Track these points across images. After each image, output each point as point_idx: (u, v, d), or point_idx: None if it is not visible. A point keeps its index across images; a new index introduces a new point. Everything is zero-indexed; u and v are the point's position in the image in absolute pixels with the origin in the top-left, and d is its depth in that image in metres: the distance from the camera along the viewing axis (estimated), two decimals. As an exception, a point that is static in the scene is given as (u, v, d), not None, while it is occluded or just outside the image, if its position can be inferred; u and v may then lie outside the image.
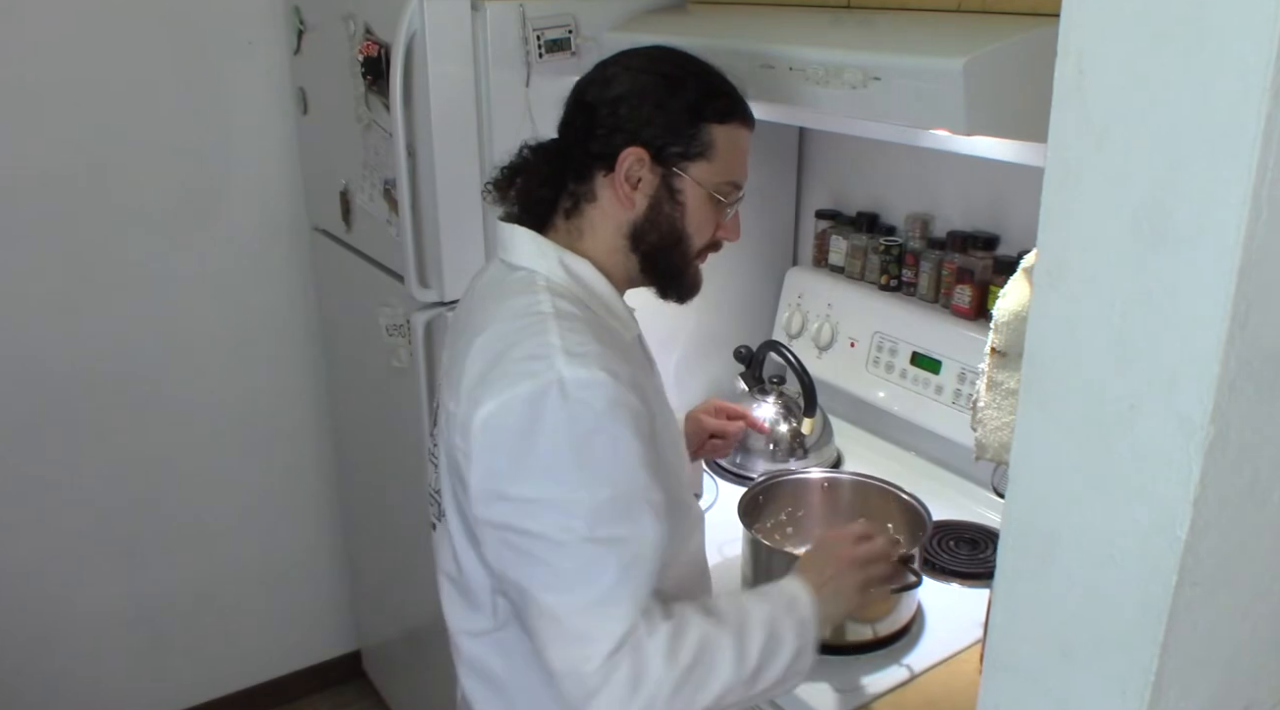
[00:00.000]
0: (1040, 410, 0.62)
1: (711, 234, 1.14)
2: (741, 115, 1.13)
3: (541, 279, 1.08)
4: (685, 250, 1.13)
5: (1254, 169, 0.48)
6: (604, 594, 0.96)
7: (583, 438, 0.97)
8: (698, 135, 1.09)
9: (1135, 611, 0.58)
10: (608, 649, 0.95)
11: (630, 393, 0.99)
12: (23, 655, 2.20)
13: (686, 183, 1.10)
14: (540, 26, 1.59)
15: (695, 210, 1.11)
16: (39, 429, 2.10)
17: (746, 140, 1.15)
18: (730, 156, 1.11)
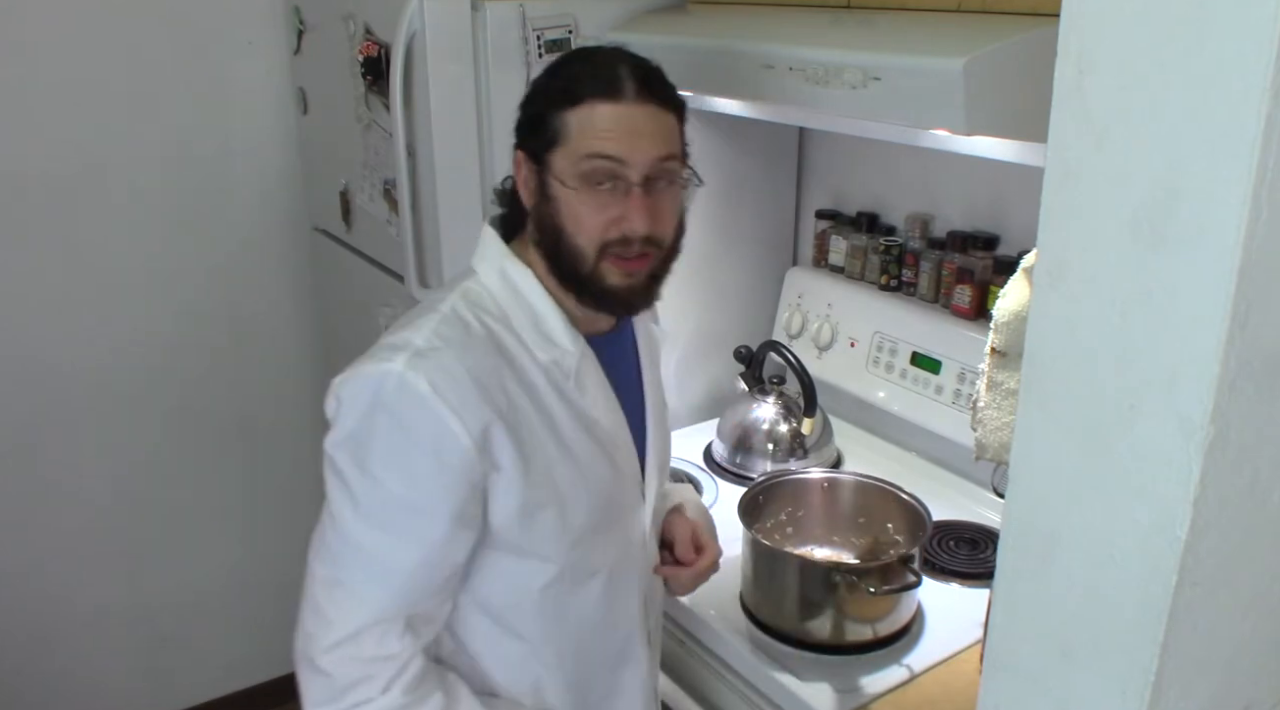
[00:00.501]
0: (1040, 410, 0.62)
1: (599, 227, 1.03)
2: (594, 92, 1.02)
3: (472, 280, 1.08)
4: (572, 249, 1.04)
5: (1254, 169, 0.48)
6: (349, 585, 0.99)
7: (383, 436, 0.97)
8: (549, 124, 1.03)
9: (1135, 611, 0.58)
10: (334, 638, 0.98)
11: (448, 413, 0.96)
12: (23, 655, 2.20)
13: (552, 175, 1.04)
14: (540, 26, 1.59)
15: (564, 201, 1.03)
16: (38, 428, 2.10)
17: (612, 114, 1.02)
18: (582, 135, 1.02)
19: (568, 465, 1.06)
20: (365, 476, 0.98)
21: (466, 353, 1.00)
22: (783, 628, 1.34)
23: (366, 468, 0.98)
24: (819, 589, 1.31)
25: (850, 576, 1.28)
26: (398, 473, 0.98)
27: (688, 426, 1.98)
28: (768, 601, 1.37)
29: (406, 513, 0.99)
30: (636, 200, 1.02)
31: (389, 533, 0.99)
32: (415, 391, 0.96)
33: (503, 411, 1.00)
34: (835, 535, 1.51)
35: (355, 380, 0.99)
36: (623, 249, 1.03)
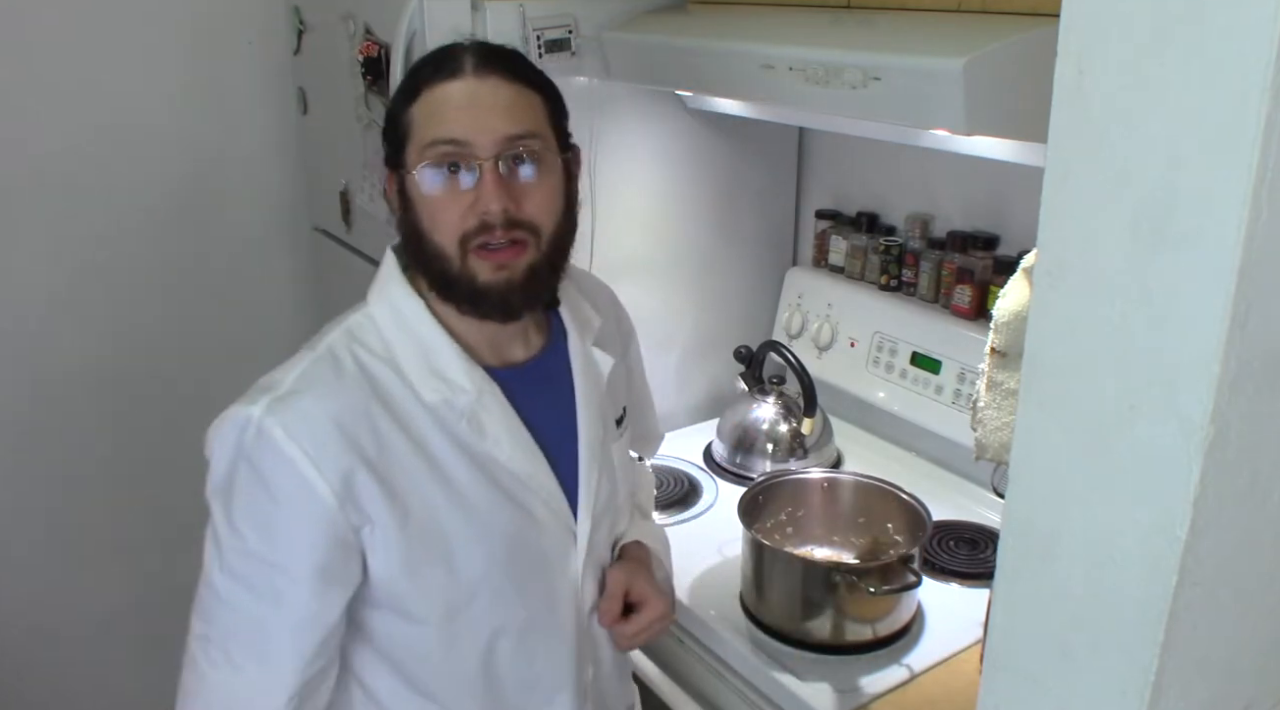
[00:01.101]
0: (1040, 410, 0.62)
1: (460, 219, 0.94)
2: (431, 77, 0.96)
3: (362, 314, 1.01)
4: (432, 250, 0.96)
5: (1254, 169, 0.48)
6: (225, 651, 0.94)
7: (243, 487, 0.92)
8: (397, 128, 0.97)
9: (1135, 611, 0.58)
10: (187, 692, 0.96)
11: (305, 462, 0.90)
12: (23, 655, 2.20)
13: (408, 177, 0.96)
14: (540, 26, 1.59)
15: (418, 199, 0.95)
16: (38, 428, 2.10)
17: (449, 94, 0.95)
18: (422, 123, 0.95)
19: (458, 515, 0.98)
20: (230, 529, 0.93)
21: (331, 396, 0.93)
22: (783, 628, 1.34)
23: (231, 519, 0.93)
24: (819, 589, 1.31)
25: (850, 576, 1.28)
26: (256, 527, 0.92)
27: (687, 426, 1.98)
28: (767, 601, 1.37)
29: (267, 569, 0.93)
30: (488, 179, 0.93)
31: (252, 592, 0.93)
32: (270, 439, 0.91)
33: (371, 460, 0.93)
34: (835, 535, 1.51)
35: (222, 424, 0.94)
36: (486, 237, 0.94)
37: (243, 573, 0.93)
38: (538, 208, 0.96)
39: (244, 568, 0.93)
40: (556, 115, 1.01)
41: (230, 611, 0.94)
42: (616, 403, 1.16)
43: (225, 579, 0.94)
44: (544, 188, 0.97)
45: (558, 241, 0.99)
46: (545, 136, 0.98)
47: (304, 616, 0.94)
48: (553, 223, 0.98)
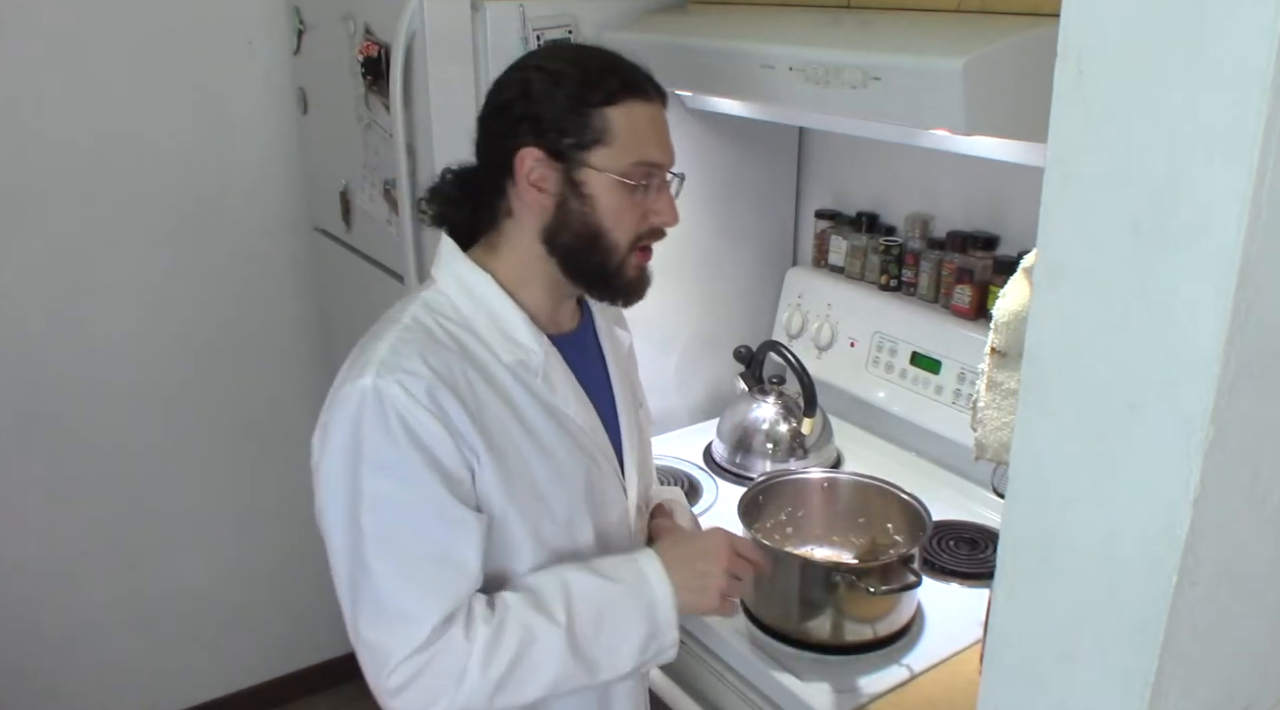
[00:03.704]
0: (1040, 410, 0.62)
1: (637, 223, 1.08)
2: (636, 92, 1.06)
3: (432, 290, 1.10)
4: (606, 245, 1.08)
5: (1254, 169, 0.48)
6: (389, 606, 0.99)
7: (372, 447, 0.99)
8: (589, 122, 1.04)
9: (1135, 611, 0.58)
10: (400, 656, 0.97)
11: (423, 413, 0.99)
12: (23, 655, 2.20)
13: (590, 173, 1.05)
14: (540, 26, 1.59)
15: (606, 200, 1.05)
16: (38, 428, 2.10)
17: (653, 115, 1.07)
18: (632, 136, 1.05)
19: (543, 460, 1.08)
20: (372, 499, 0.99)
21: (430, 354, 1.02)
22: (783, 628, 1.34)
23: (366, 491, 0.99)
24: (819, 589, 1.31)
25: (850, 576, 1.28)
26: (394, 478, 0.99)
27: (688, 426, 1.98)
28: (767, 601, 1.37)
29: (429, 510, 1.00)
30: (670, 199, 1.10)
31: (407, 538, 1.00)
32: (389, 397, 0.98)
33: (472, 410, 1.02)
34: (835, 535, 1.51)
35: (334, 407, 1.01)
36: (651, 241, 1.11)
37: (394, 525, 0.99)
38: (675, 221, 1.12)
39: (394, 520, 0.99)
40: None
41: (393, 568, 0.99)
42: (633, 381, 1.29)
43: (378, 541, 0.99)
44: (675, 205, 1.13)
45: None
46: None
47: (456, 545, 1.01)
48: None
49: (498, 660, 0.99)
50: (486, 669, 0.98)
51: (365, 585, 1.00)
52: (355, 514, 0.99)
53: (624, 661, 1.06)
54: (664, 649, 1.08)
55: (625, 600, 1.06)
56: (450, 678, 0.98)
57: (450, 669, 0.98)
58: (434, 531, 1.00)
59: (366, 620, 1.00)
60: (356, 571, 1.00)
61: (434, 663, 0.98)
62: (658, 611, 1.07)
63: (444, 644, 0.98)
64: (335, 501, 1.00)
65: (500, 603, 1.02)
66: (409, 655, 0.98)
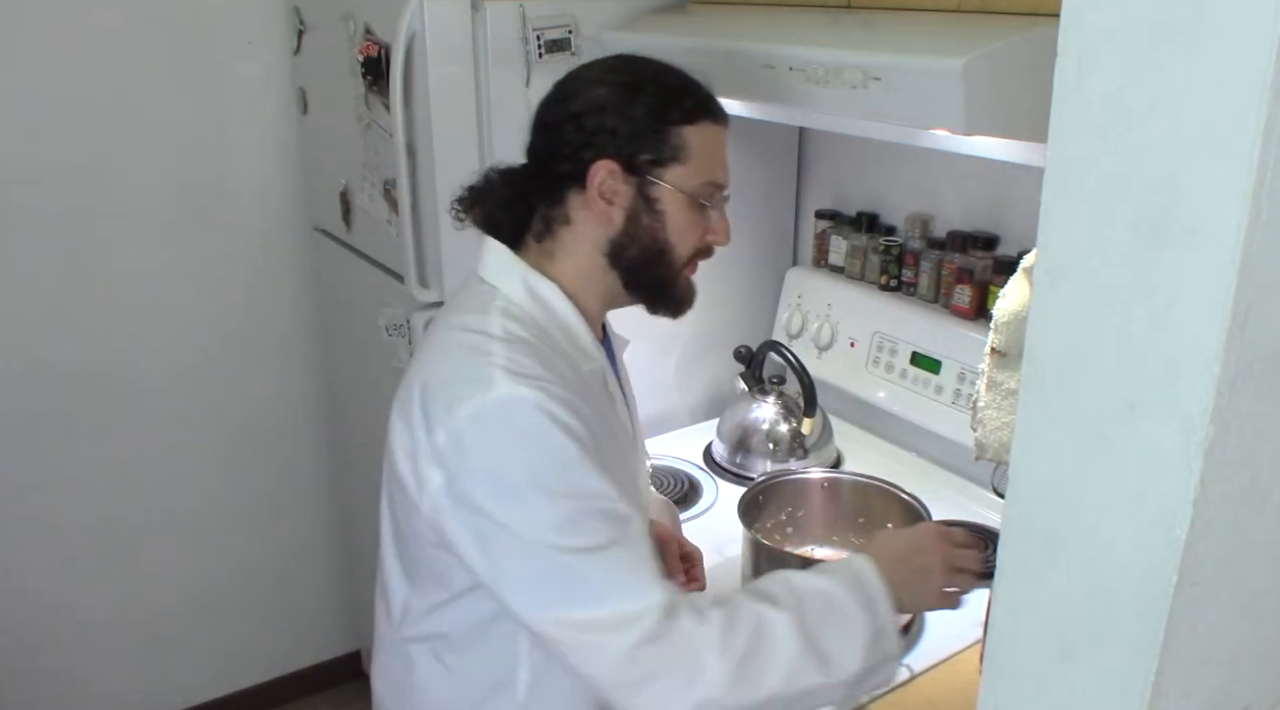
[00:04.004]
0: (1040, 410, 0.62)
1: (698, 239, 1.11)
2: (710, 113, 1.09)
3: (501, 299, 1.06)
4: (670, 260, 1.10)
5: (1254, 169, 0.48)
6: (603, 600, 0.94)
7: (532, 454, 0.96)
8: (667, 140, 1.05)
9: (1135, 611, 0.58)
10: (623, 653, 0.92)
11: (565, 410, 0.97)
12: (22, 655, 2.20)
13: (664, 190, 1.06)
14: (540, 26, 1.59)
15: (676, 217, 1.08)
16: (38, 429, 2.10)
17: (721, 138, 1.10)
18: (705, 157, 1.08)
19: (618, 462, 1.09)
20: (545, 498, 0.95)
21: (546, 365, 1.00)
22: (783, 628, 1.34)
23: (544, 486, 0.95)
24: (819, 589, 1.31)
25: (850, 576, 1.28)
26: (570, 472, 0.96)
27: (688, 426, 1.99)
28: (768, 601, 1.37)
29: (601, 499, 0.97)
30: (726, 219, 1.13)
31: (604, 523, 0.96)
32: (538, 401, 0.95)
33: (580, 412, 1.00)
34: (835, 535, 1.51)
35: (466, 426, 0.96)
36: (702, 258, 1.14)
37: (580, 524, 0.95)
38: (728, 241, 1.15)
39: (581, 518, 0.95)
40: None
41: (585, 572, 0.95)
42: None
43: (570, 542, 0.94)
44: None
45: None
46: None
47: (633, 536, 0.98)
48: None
49: (735, 645, 0.94)
50: (725, 654, 0.93)
51: (576, 582, 0.95)
52: (543, 518, 0.95)
53: (852, 659, 0.99)
54: (888, 656, 1.02)
55: (846, 595, 1.01)
56: (688, 665, 0.93)
57: (688, 656, 0.93)
58: (617, 523, 0.97)
59: (585, 615, 0.94)
60: (560, 571, 0.95)
61: (670, 650, 0.93)
62: (878, 609, 1.01)
63: (677, 629, 0.93)
64: (513, 514, 0.95)
65: (725, 596, 1.00)
66: (638, 644, 0.92)
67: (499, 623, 1.04)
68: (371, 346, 1.95)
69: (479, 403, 0.96)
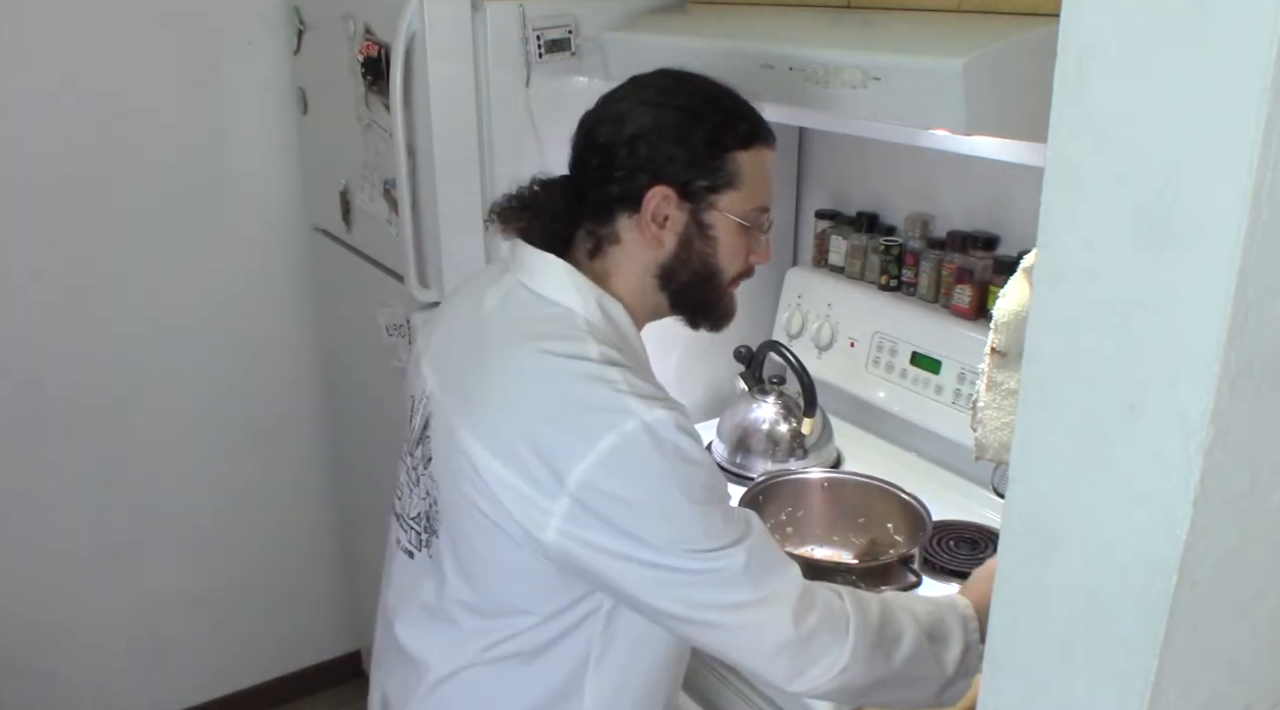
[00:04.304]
0: (1040, 410, 0.62)
1: (744, 261, 1.13)
2: (763, 137, 1.09)
3: (582, 321, 1.04)
4: (719, 283, 1.12)
5: (1254, 169, 0.48)
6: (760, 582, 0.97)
7: (683, 472, 0.96)
8: (723, 166, 1.05)
9: (1135, 611, 0.58)
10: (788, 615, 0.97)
11: (690, 423, 1.00)
12: (22, 655, 2.21)
13: (718, 216, 1.07)
14: (540, 26, 1.59)
15: (727, 242, 1.09)
16: (38, 429, 2.10)
17: (771, 161, 1.11)
18: (757, 181, 1.08)
19: None
20: (697, 513, 0.97)
21: (651, 382, 1.02)
22: (783, 628, 1.34)
23: (696, 502, 0.97)
24: (819, 589, 1.31)
25: (850, 576, 1.28)
26: (713, 485, 0.99)
27: (688, 426, 1.98)
28: (768, 601, 1.37)
29: (727, 510, 1.00)
30: (769, 240, 1.14)
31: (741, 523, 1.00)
32: (674, 423, 0.97)
33: None
34: (835, 535, 1.51)
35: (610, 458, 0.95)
36: (746, 277, 1.15)
37: (734, 520, 0.99)
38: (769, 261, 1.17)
39: (726, 523, 0.98)
40: None
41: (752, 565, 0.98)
42: None
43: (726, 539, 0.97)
44: None
45: None
46: None
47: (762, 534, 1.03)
48: None
49: (870, 616, 1.00)
50: (863, 624, 0.99)
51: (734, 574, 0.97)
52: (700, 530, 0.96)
53: (952, 661, 1.05)
54: (972, 670, 1.07)
55: (944, 610, 1.08)
56: (835, 630, 0.98)
57: (838, 619, 0.99)
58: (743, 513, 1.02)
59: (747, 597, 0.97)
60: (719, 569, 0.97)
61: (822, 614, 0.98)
62: (969, 626, 1.07)
63: (821, 597, 0.99)
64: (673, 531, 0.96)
65: None
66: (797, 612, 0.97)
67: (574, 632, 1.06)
68: (371, 346, 1.95)
69: (622, 432, 0.95)
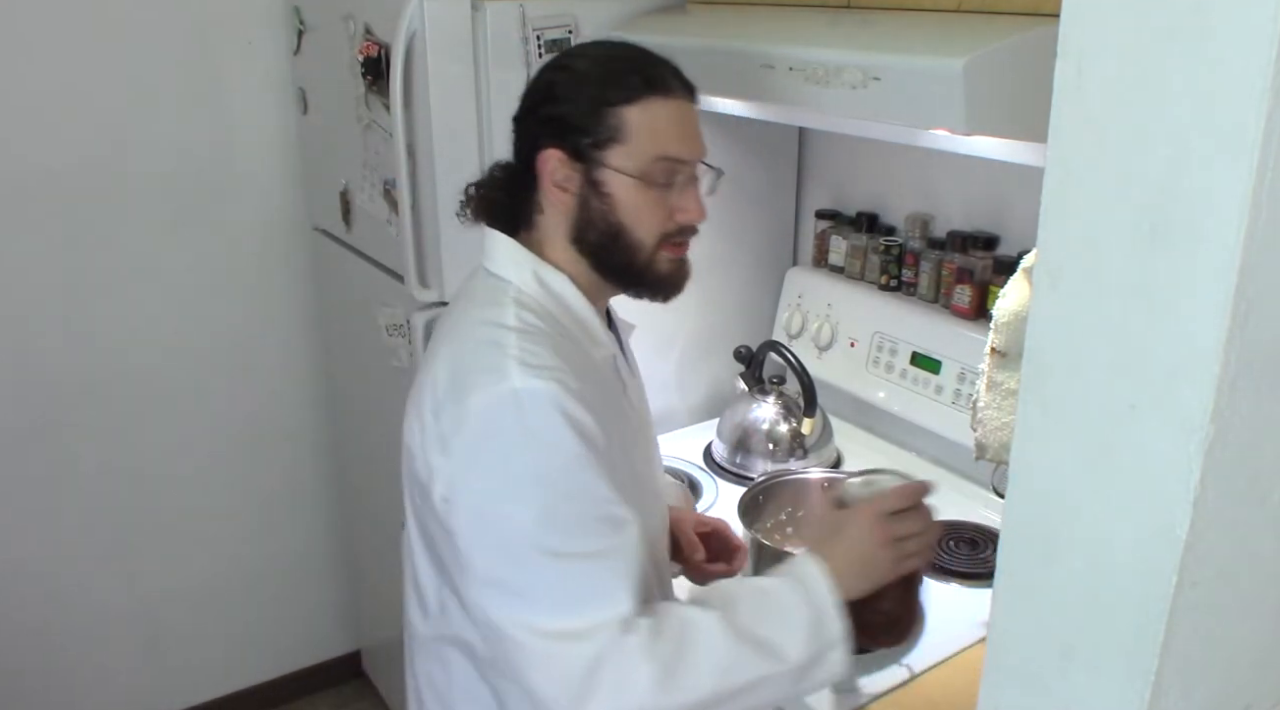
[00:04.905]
0: (1040, 410, 0.62)
1: (662, 220, 1.08)
2: (656, 89, 1.06)
3: (513, 290, 1.07)
4: (629, 243, 1.08)
5: (1254, 169, 0.48)
6: (578, 609, 0.94)
7: (538, 450, 0.96)
8: (605, 121, 1.04)
9: (1135, 611, 0.58)
10: (583, 665, 0.93)
11: (579, 407, 0.97)
12: (23, 655, 2.20)
13: (608, 173, 1.05)
14: (540, 26, 1.59)
15: (625, 198, 1.06)
16: (38, 428, 2.10)
17: (675, 112, 1.07)
18: (650, 134, 1.05)
19: (632, 447, 1.11)
20: (542, 497, 0.96)
21: (559, 351, 1.01)
22: (783, 628, 1.34)
23: (543, 485, 0.96)
24: (819, 589, 1.31)
25: (850, 576, 1.28)
26: (572, 474, 0.97)
27: (688, 426, 1.98)
28: (768, 601, 1.37)
29: (600, 506, 0.97)
30: (695, 195, 1.10)
31: (595, 534, 0.97)
32: (549, 394, 0.96)
33: (592, 404, 1.00)
34: (835, 535, 1.51)
35: (480, 417, 0.97)
36: (679, 237, 1.11)
37: (570, 529, 0.96)
38: (702, 218, 1.12)
39: (571, 523, 0.96)
40: None
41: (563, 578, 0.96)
42: None
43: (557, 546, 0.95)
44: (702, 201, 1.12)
45: None
46: None
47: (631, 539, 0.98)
48: None
49: (660, 651, 0.94)
50: (651, 659, 0.93)
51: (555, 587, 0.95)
52: (519, 514, 0.95)
53: (796, 646, 0.98)
54: (833, 640, 1.00)
55: (782, 586, 1.02)
56: (618, 676, 0.93)
57: (622, 667, 0.93)
58: (603, 527, 0.97)
59: (522, 614, 0.95)
60: (543, 574, 0.95)
61: (611, 661, 0.93)
62: (815, 597, 1.01)
63: (608, 640, 0.94)
64: (488, 504, 0.96)
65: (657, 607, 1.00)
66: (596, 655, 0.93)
67: None
68: (371, 346, 1.95)
69: (491, 393, 0.96)
